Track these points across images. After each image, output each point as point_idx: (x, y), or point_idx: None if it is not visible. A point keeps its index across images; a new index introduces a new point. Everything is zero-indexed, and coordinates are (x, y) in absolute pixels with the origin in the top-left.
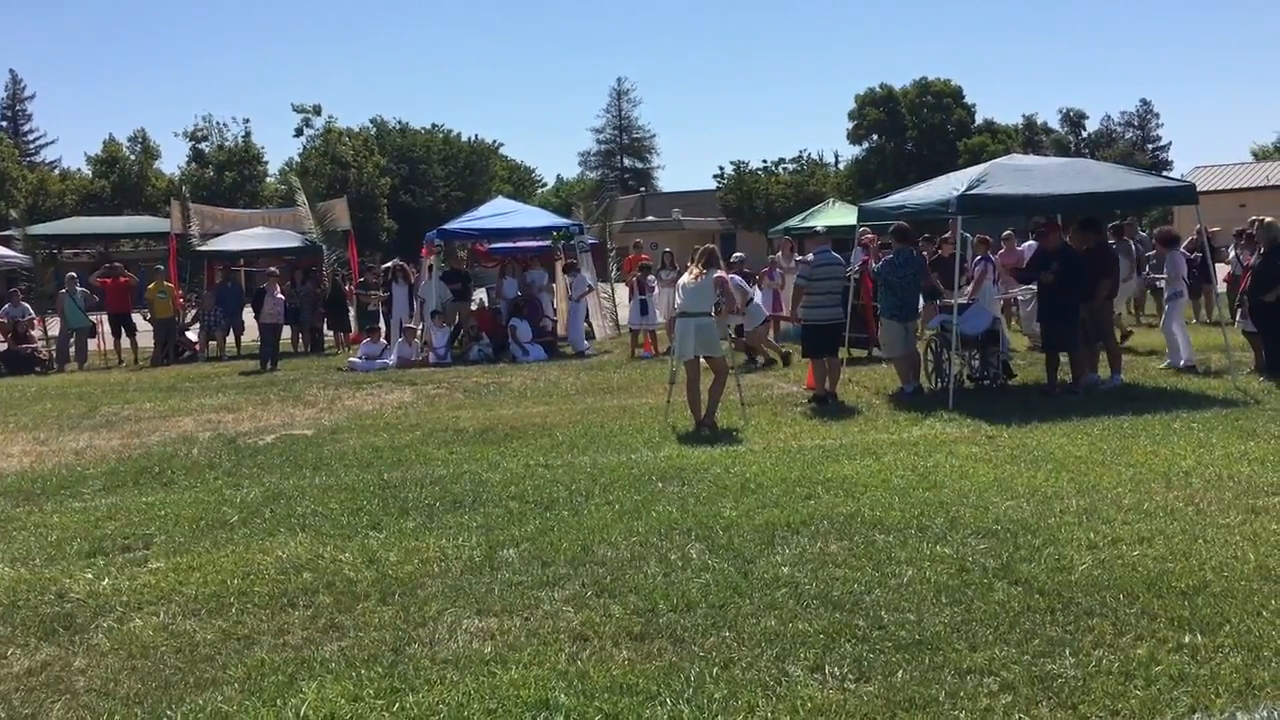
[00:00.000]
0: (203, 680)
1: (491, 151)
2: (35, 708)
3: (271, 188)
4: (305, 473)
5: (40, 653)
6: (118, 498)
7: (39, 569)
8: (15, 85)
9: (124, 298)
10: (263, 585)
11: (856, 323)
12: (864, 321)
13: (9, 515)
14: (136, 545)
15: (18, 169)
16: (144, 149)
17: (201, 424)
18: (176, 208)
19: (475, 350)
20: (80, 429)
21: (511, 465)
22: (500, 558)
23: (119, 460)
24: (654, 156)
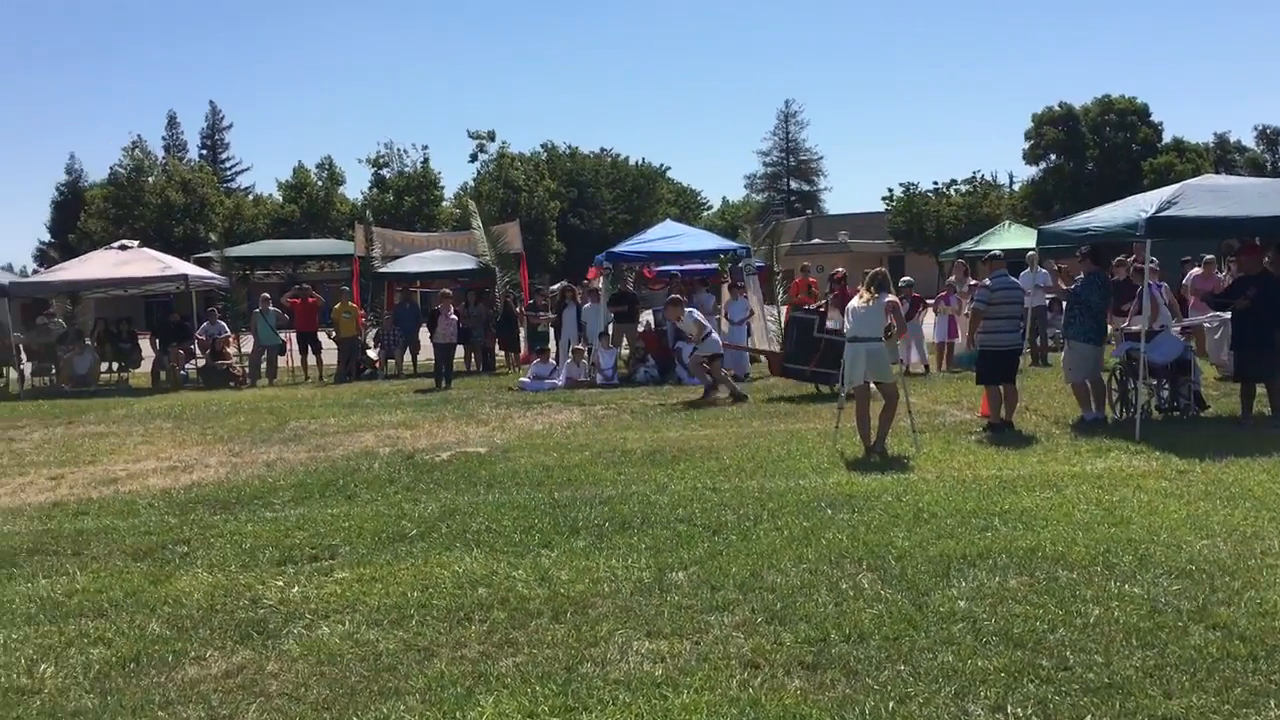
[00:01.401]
0: (386, 689)
1: (658, 175)
2: (232, 709)
3: (447, 212)
4: (479, 490)
5: (236, 656)
6: (305, 509)
7: (234, 575)
8: (215, 116)
9: (311, 317)
10: (440, 599)
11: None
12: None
13: (208, 523)
14: (323, 555)
15: (216, 195)
16: (330, 175)
17: (381, 439)
18: (360, 231)
19: (641, 372)
20: (271, 442)
21: (679, 487)
22: (669, 580)
23: (306, 473)
24: (821, 178)
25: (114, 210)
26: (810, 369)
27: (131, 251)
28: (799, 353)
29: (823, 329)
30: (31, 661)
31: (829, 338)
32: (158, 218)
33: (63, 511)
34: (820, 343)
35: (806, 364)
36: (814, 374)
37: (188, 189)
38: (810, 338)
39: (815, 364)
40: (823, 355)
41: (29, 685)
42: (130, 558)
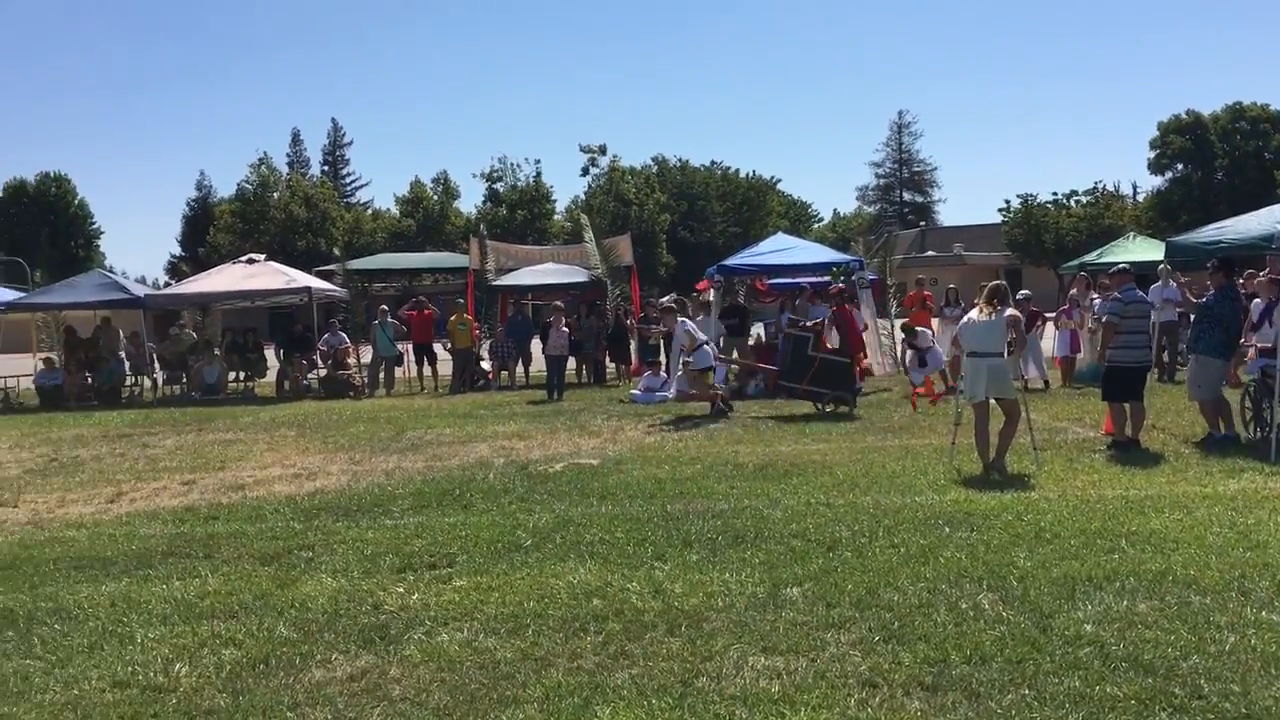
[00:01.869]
0: (504, 697)
1: (769, 187)
2: (357, 712)
3: (558, 225)
4: (592, 501)
5: (360, 660)
6: (424, 517)
7: (357, 581)
8: (336, 132)
9: (427, 329)
10: (556, 609)
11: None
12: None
13: (330, 529)
14: (441, 563)
15: (337, 210)
16: (445, 190)
17: (496, 450)
18: (475, 245)
19: (752, 385)
20: (389, 451)
21: (792, 502)
22: (784, 596)
23: (424, 482)
24: (935, 190)
25: (241, 225)
26: (803, 387)
27: (258, 265)
28: (793, 370)
29: (817, 347)
30: (168, 660)
31: (823, 356)
32: (281, 232)
33: (195, 516)
34: (814, 361)
35: (800, 382)
36: (807, 392)
37: (310, 204)
38: (805, 355)
39: (808, 382)
40: (816, 373)
41: (165, 683)
42: (258, 562)
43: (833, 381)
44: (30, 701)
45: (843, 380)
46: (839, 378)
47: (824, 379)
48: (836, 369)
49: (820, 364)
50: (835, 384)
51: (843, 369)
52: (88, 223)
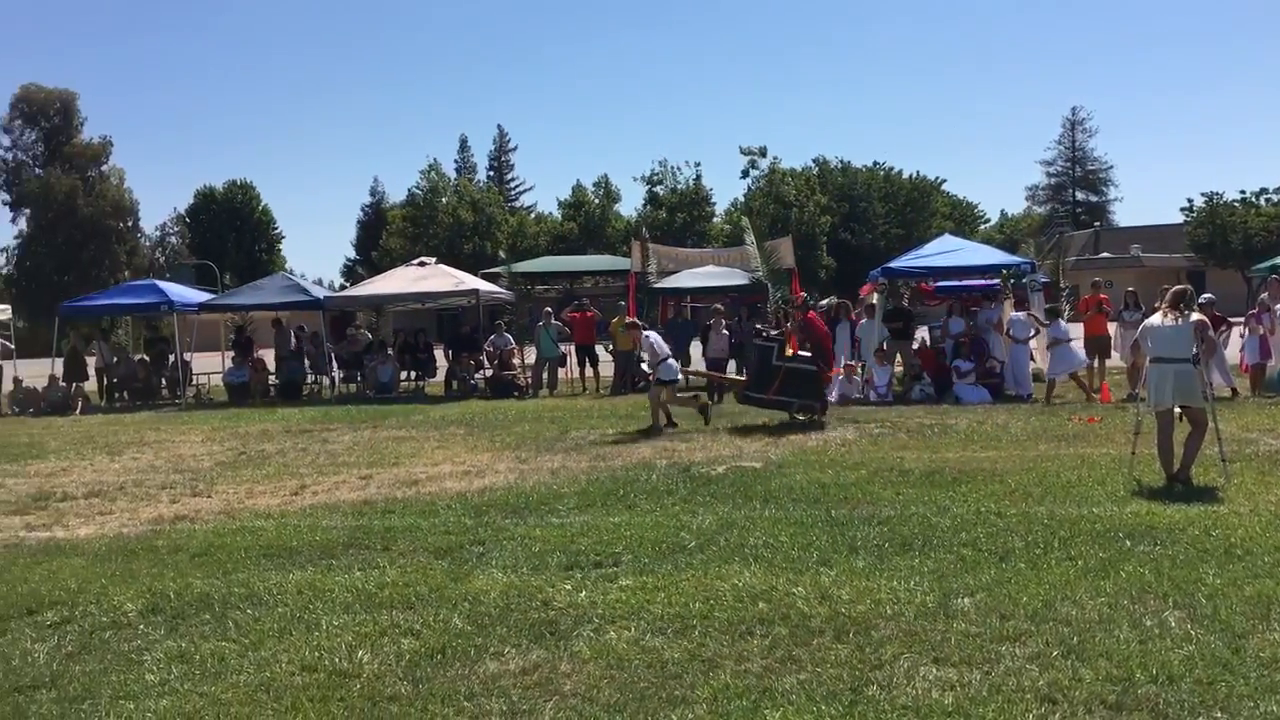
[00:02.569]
0: (673, 697)
1: (933, 188)
2: (531, 705)
3: (717, 228)
4: (755, 504)
5: (531, 654)
6: (589, 516)
7: (526, 577)
8: (502, 138)
9: (589, 331)
10: (722, 611)
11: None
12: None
13: (499, 526)
14: (607, 562)
15: (501, 214)
16: (606, 193)
17: (658, 451)
18: (637, 247)
19: (917, 390)
20: (554, 451)
21: (961, 510)
22: (955, 606)
23: (588, 481)
24: (1110, 189)
25: (411, 229)
26: (769, 397)
27: (429, 268)
28: (759, 380)
29: (782, 356)
30: (351, 647)
31: (788, 365)
32: (449, 235)
33: (372, 509)
34: (779, 370)
35: (765, 392)
36: (772, 401)
37: (476, 208)
38: (770, 365)
39: (774, 392)
40: (782, 383)
41: (349, 669)
42: (432, 555)
43: (800, 390)
44: (226, 682)
45: (810, 389)
46: (806, 386)
47: (791, 387)
48: (803, 377)
49: (786, 373)
50: (802, 392)
51: (809, 377)
52: (270, 228)
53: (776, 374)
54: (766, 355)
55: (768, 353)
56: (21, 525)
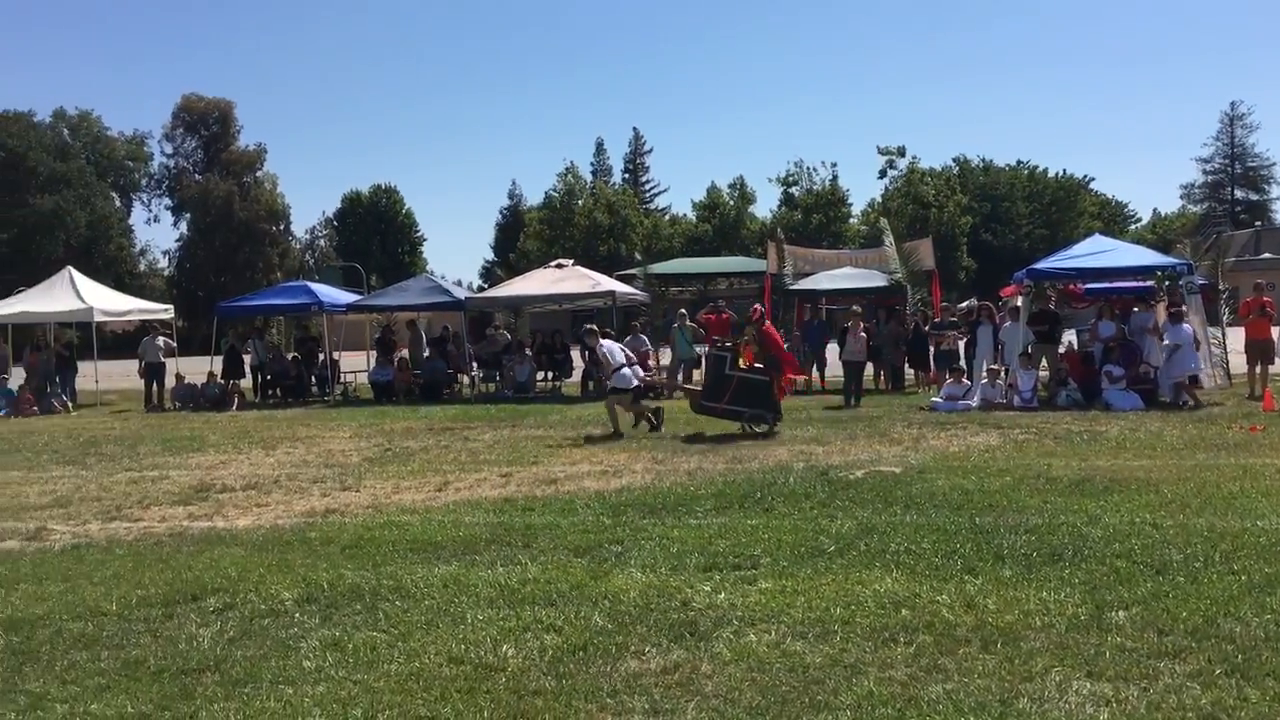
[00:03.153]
0: (816, 702)
1: (1080, 187)
2: (673, 704)
3: (853, 229)
4: (895, 510)
5: (672, 654)
6: (726, 518)
7: (664, 577)
8: (637, 141)
9: (725, 332)
10: (863, 617)
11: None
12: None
13: (638, 526)
14: (745, 564)
15: (636, 215)
16: (741, 194)
17: (795, 454)
18: (773, 249)
19: (1063, 395)
20: (690, 452)
21: (1113, 520)
22: (1108, 619)
23: (725, 483)
24: (1272, 187)
25: (548, 231)
26: (722, 406)
27: (566, 269)
28: (714, 389)
29: (735, 366)
30: (495, 641)
31: (741, 375)
32: (585, 237)
33: (513, 507)
34: (732, 380)
35: (719, 401)
36: (725, 411)
37: (612, 210)
38: (723, 375)
39: (727, 401)
40: (734, 392)
41: (495, 663)
42: (572, 553)
43: (751, 400)
44: (379, 671)
45: (761, 399)
46: (757, 396)
47: (742, 397)
48: (755, 387)
49: (738, 382)
50: (753, 402)
51: (761, 387)
52: (413, 230)
53: (729, 384)
54: (720, 365)
55: (721, 362)
56: (185, 515)
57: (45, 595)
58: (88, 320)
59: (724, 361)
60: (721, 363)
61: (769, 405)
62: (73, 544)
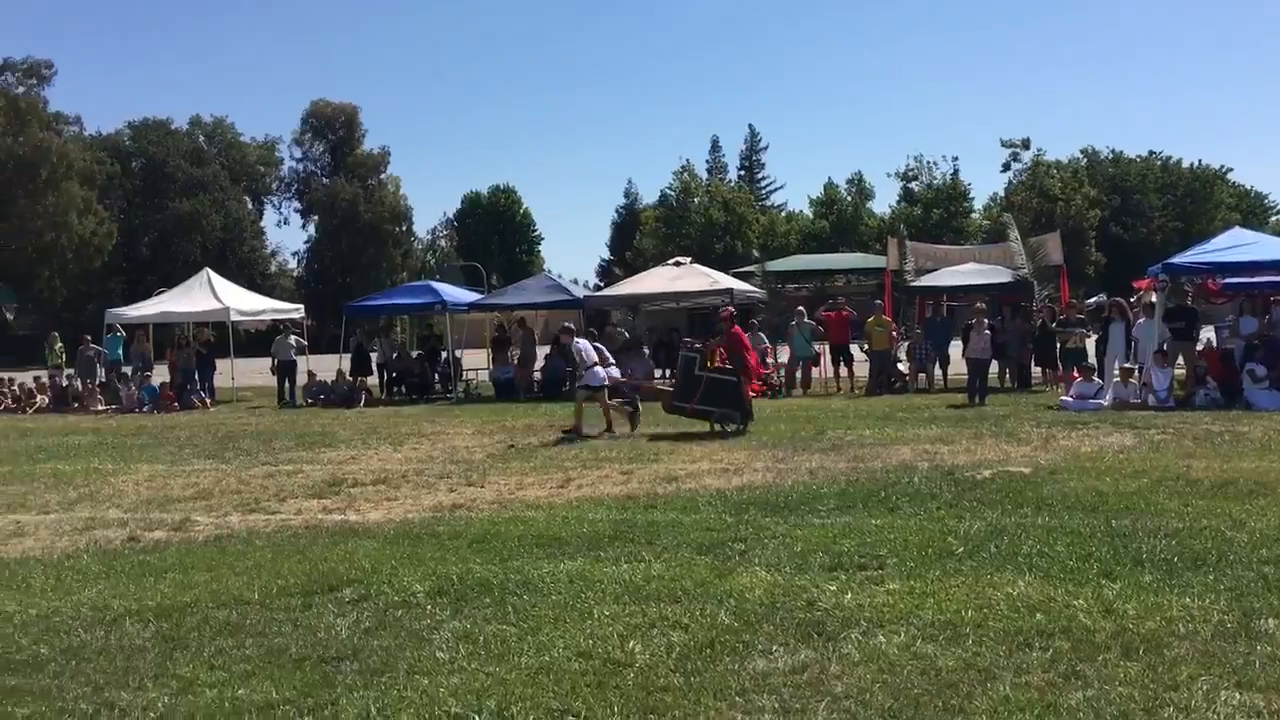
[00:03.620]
0: (950, 706)
1: (1217, 177)
2: (802, 704)
3: (975, 224)
4: (1025, 511)
5: (799, 654)
6: (850, 518)
7: (789, 576)
8: (753, 138)
9: (844, 330)
10: (996, 620)
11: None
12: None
13: (760, 524)
14: (871, 565)
15: (752, 213)
16: (859, 190)
17: (919, 454)
18: (893, 245)
19: (1201, 394)
20: (811, 450)
21: (1260, 525)
22: (1258, 627)
23: (848, 482)
24: None
25: (663, 229)
26: (692, 406)
27: (684, 267)
28: (684, 390)
29: (704, 367)
30: (622, 637)
31: (710, 375)
32: (700, 235)
33: (634, 504)
34: (701, 380)
35: (689, 401)
36: (695, 410)
37: (728, 207)
38: (693, 375)
39: (696, 401)
40: (703, 393)
41: (623, 658)
42: (695, 551)
43: (719, 400)
44: (510, 663)
45: (729, 399)
46: (725, 396)
47: (711, 398)
48: (723, 388)
49: (707, 383)
50: (722, 402)
51: (729, 388)
52: (530, 230)
53: (699, 384)
54: (690, 366)
55: (690, 363)
56: (319, 508)
57: (192, 584)
58: (224, 320)
59: (693, 362)
60: (691, 363)
61: (737, 405)
62: (215, 535)
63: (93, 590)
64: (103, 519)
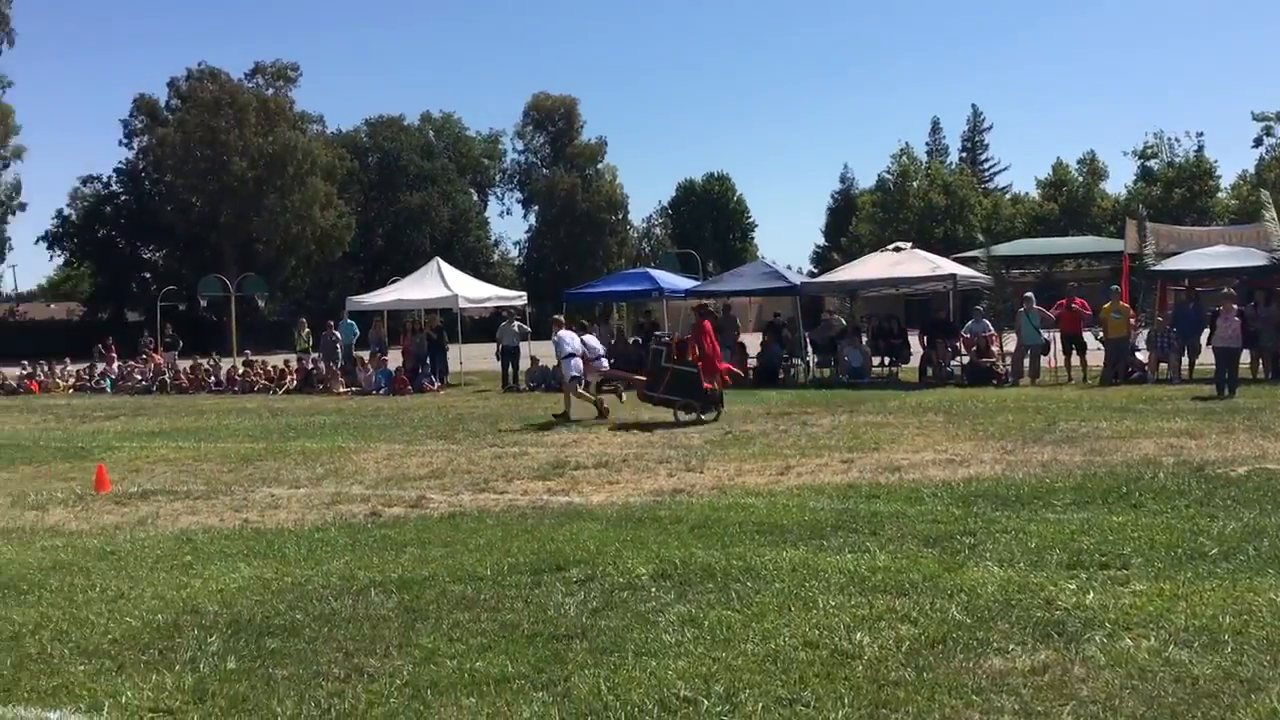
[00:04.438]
0: (1209, 717)
1: None
2: (1045, 707)
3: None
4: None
5: (1039, 654)
6: (1088, 513)
7: (1024, 573)
8: (975, 118)
9: (1077, 318)
10: (1258, 628)
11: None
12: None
13: (990, 517)
14: (1114, 564)
15: (975, 196)
16: (1090, 170)
17: (1162, 448)
18: (1132, 227)
19: None
20: (1043, 442)
21: None
22: None
23: (1084, 476)
24: None
25: (881, 214)
26: (659, 395)
27: (905, 253)
28: (654, 380)
29: (670, 359)
30: (849, 628)
31: (674, 367)
32: (919, 219)
33: (856, 493)
34: (668, 371)
35: (657, 390)
36: (661, 399)
37: (949, 191)
38: (660, 366)
39: (663, 390)
40: (669, 383)
41: (850, 650)
42: (921, 543)
43: (682, 390)
44: (736, 649)
45: (690, 389)
46: (687, 386)
47: (675, 388)
48: (685, 378)
49: (672, 374)
50: (684, 392)
51: (690, 378)
52: (744, 217)
53: (665, 375)
54: (658, 357)
55: (658, 355)
56: (544, 489)
57: (429, 559)
58: (452, 307)
59: (660, 354)
60: (659, 355)
61: (698, 395)
62: (449, 512)
63: (340, 561)
64: (347, 494)
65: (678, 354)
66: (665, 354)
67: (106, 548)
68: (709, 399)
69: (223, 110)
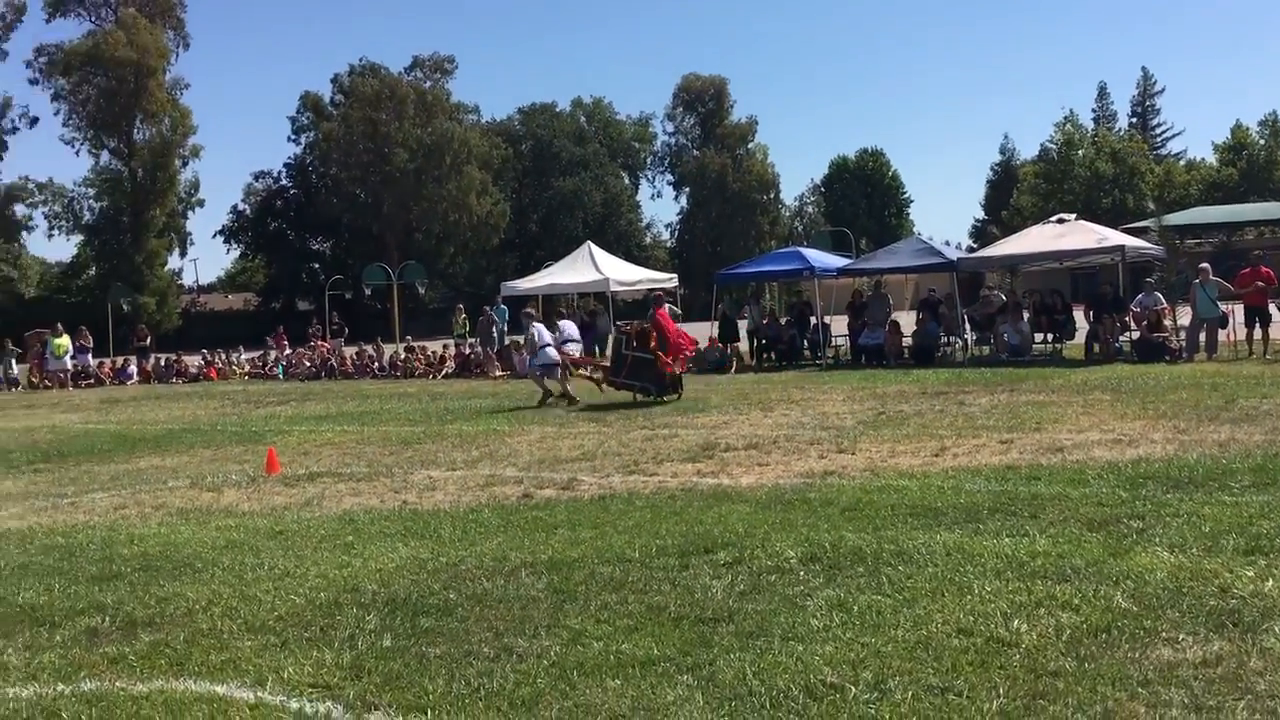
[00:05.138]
0: None
1: None
2: (1218, 701)
3: None
4: None
5: (1211, 645)
6: (1269, 496)
7: (1197, 559)
8: (1146, 82)
9: (1261, 291)
10: None
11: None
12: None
13: (1160, 500)
14: None
15: (1145, 163)
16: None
17: None
18: None
19: None
20: (1220, 421)
21: None
22: None
23: (1265, 457)
24: None
25: (1044, 185)
26: (620, 380)
27: (1068, 224)
28: (615, 366)
29: (630, 346)
30: (1006, 615)
31: (633, 354)
32: (1085, 190)
33: (1015, 474)
34: (628, 358)
35: (619, 375)
36: (623, 384)
37: (1117, 159)
38: (620, 353)
39: (624, 376)
40: (629, 369)
41: (1006, 637)
42: (1085, 527)
43: (640, 375)
44: (885, 635)
45: (647, 374)
46: (644, 372)
47: (634, 373)
48: (642, 364)
49: (631, 360)
50: (643, 378)
51: (647, 364)
52: (899, 193)
53: (626, 361)
54: (619, 345)
55: (619, 343)
56: (693, 471)
57: (579, 540)
58: (604, 290)
59: (621, 342)
60: (620, 343)
61: (655, 380)
62: (599, 495)
63: (493, 542)
64: (500, 476)
65: (637, 342)
66: (625, 342)
67: (275, 528)
68: (665, 382)
69: (383, 103)
